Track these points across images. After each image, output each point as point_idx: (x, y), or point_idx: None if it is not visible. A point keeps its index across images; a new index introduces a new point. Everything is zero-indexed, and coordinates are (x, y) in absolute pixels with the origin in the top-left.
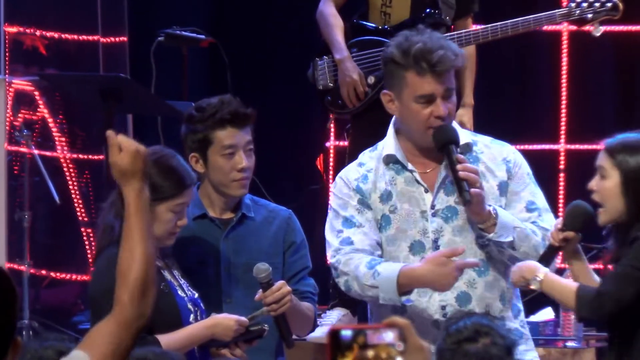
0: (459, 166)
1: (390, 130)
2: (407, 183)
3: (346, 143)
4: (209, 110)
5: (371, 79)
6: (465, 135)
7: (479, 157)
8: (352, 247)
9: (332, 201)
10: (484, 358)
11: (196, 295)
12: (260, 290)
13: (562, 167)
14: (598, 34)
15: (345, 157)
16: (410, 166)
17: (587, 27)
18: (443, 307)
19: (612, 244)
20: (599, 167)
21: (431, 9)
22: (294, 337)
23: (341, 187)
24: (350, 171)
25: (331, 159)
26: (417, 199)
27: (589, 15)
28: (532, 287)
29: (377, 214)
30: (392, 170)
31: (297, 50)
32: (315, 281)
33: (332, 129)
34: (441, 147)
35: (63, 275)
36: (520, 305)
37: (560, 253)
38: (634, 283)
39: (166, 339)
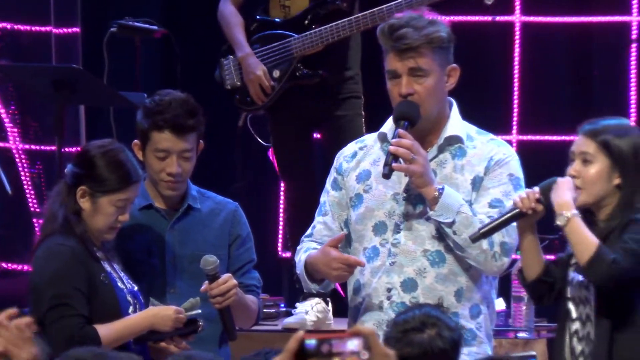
0: (393, 140)
1: None
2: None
3: None
4: (154, 108)
5: (276, 73)
6: (459, 129)
7: (466, 152)
8: (310, 238)
9: None
10: (427, 349)
11: (136, 288)
12: (207, 281)
13: None
14: (490, 2)
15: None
16: None
17: None
18: (389, 290)
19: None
20: (581, 153)
21: None
22: (237, 328)
23: (334, 163)
24: (346, 148)
25: None
26: (393, 181)
27: None
28: (558, 222)
29: (350, 192)
30: (382, 150)
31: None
32: (268, 273)
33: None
34: (395, 121)
35: (15, 267)
36: (484, 309)
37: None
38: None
39: (105, 329)
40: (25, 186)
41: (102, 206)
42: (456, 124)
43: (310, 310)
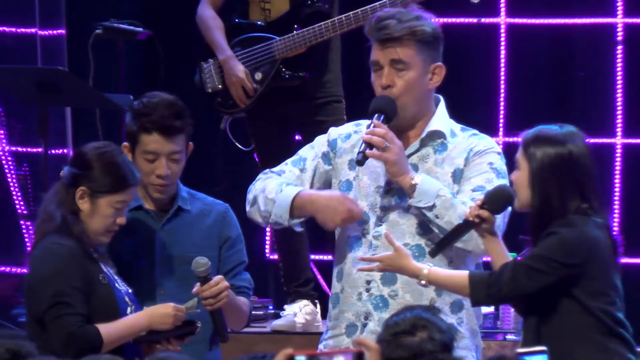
0: (366, 130)
1: None
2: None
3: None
4: (141, 110)
5: (258, 75)
6: (443, 124)
7: (447, 146)
8: (280, 177)
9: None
10: (417, 352)
11: (130, 290)
12: (198, 283)
13: None
14: (476, 1)
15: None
16: None
17: None
18: (368, 282)
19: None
20: (515, 159)
21: None
22: (229, 330)
23: (322, 136)
24: (342, 126)
25: None
26: (377, 174)
27: None
28: (422, 281)
29: (340, 175)
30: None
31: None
32: (256, 275)
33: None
34: (369, 114)
35: (2, 268)
36: (467, 304)
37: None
38: (533, 275)
39: (106, 328)
40: (12, 188)
41: (100, 207)
42: (441, 119)
43: (299, 312)
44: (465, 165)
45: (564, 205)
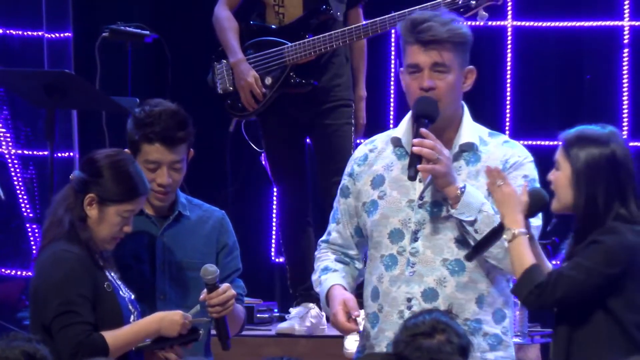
0: (415, 140)
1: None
2: (404, 170)
3: None
4: (144, 120)
5: (268, 80)
6: (473, 135)
7: (481, 157)
8: (327, 244)
9: None
10: (436, 354)
11: (133, 296)
12: (205, 290)
13: None
14: (482, 21)
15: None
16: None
17: (471, 14)
18: (409, 300)
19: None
20: (555, 160)
21: (322, 5)
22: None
23: (346, 168)
24: (356, 150)
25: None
26: (407, 188)
27: (473, 2)
28: (504, 236)
29: (365, 198)
30: (395, 155)
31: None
32: (262, 278)
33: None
34: (415, 118)
35: (8, 271)
36: (509, 312)
37: None
38: (575, 286)
39: (113, 335)
40: (18, 191)
41: (108, 215)
42: (469, 129)
43: (305, 315)
44: None
45: (608, 207)
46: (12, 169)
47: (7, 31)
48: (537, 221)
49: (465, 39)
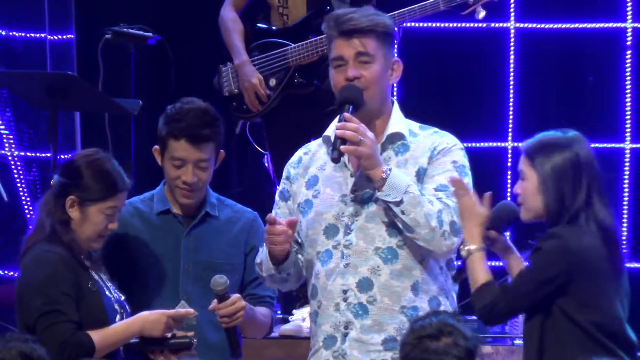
0: (338, 124)
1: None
2: (336, 168)
3: None
4: (173, 116)
5: (272, 82)
6: (402, 126)
7: (410, 147)
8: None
9: None
10: (442, 357)
11: (122, 297)
12: (215, 300)
13: (509, 164)
14: (481, 17)
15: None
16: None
17: (469, 11)
18: (344, 292)
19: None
20: (519, 171)
21: (326, 6)
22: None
23: (284, 172)
24: (293, 156)
25: None
26: (340, 184)
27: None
28: (461, 252)
29: (298, 198)
30: (328, 154)
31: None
32: None
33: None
34: (339, 105)
35: (10, 273)
36: (444, 300)
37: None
38: (519, 299)
39: (97, 335)
40: (21, 193)
41: (91, 215)
42: (398, 121)
43: (307, 317)
44: (429, 163)
45: (574, 206)
46: (15, 171)
47: (10, 33)
48: None
49: (387, 29)
